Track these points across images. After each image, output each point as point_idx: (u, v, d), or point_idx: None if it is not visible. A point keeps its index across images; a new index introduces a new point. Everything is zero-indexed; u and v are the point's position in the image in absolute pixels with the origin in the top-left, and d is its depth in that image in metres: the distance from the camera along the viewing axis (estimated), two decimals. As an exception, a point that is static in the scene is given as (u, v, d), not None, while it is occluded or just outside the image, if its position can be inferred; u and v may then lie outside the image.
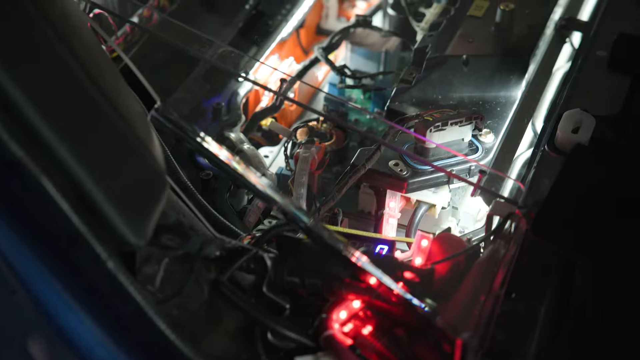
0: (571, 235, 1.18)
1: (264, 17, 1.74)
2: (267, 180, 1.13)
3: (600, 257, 1.16)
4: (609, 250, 1.17)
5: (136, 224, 1.02)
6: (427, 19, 1.67)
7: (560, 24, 1.63)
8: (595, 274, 1.16)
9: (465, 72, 1.52)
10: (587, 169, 1.27)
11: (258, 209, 1.42)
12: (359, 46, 1.71)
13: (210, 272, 1.14)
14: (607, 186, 1.25)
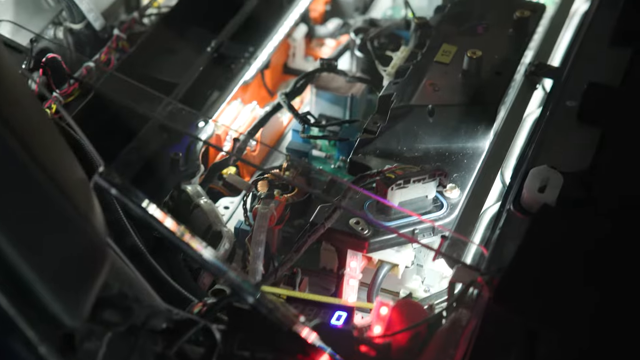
0: (536, 305, 1.13)
1: (226, 60, 1.68)
2: (211, 251, 1.07)
3: (567, 328, 1.11)
4: (576, 321, 1.12)
5: (71, 304, 0.96)
6: (393, 63, 1.62)
7: (530, 70, 1.58)
8: (561, 346, 1.10)
9: (430, 123, 1.46)
10: (554, 232, 1.22)
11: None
12: (324, 90, 1.65)
13: (156, 345, 1.09)
14: (574, 251, 1.20)
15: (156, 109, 1.50)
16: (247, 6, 1.79)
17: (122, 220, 1.28)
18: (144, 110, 1.39)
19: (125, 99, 1.35)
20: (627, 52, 1.53)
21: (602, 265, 1.17)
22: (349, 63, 1.81)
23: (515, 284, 1.15)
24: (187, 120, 1.53)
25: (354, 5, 1.98)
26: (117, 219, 1.28)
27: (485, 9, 1.67)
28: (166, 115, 1.48)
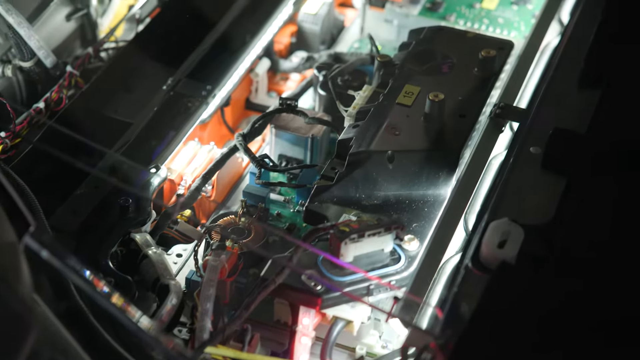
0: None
1: (183, 99, 1.62)
2: (147, 321, 1.01)
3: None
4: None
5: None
6: (355, 103, 1.56)
7: (495, 112, 1.52)
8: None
9: (390, 169, 1.40)
10: (512, 292, 1.17)
11: (161, 322, 1.31)
12: (284, 130, 1.59)
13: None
14: (532, 314, 1.14)
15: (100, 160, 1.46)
16: (207, 41, 1.73)
17: (62, 279, 1.22)
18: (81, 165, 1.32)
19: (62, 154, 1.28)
20: (595, 94, 1.48)
21: (561, 329, 1.12)
22: (312, 99, 1.76)
23: (470, 349, 1.10)
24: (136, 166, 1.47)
25: (320, 37, 1.93)
26: (56, 276, 1.22)
27: (451, 46, 1.61)
28: (107, 169, 1.43)
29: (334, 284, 1.26)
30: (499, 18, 1.88)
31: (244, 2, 1.83)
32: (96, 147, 1.51)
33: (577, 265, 1.21)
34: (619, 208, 1.31)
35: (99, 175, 1.46)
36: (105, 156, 1.50)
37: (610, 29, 1.57)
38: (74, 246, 1.39)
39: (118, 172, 1.48)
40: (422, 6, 1.91)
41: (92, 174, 1.46)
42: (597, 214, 1.31)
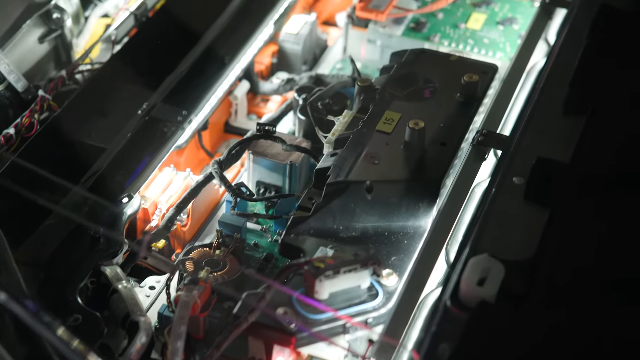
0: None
1: (158, 124, 1.58)
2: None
3: None
4: None
5: None
6: (335, 128, 1.52)
7: (478, 140, 1.48)
8: None
9: (369, 200, 1.36)
10: (491, 332, 1.13)
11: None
12: (262, 157, 1.55)
13: None
14: (514, 353, 1.11)
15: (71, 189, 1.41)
16: (184, 63, 1.69)
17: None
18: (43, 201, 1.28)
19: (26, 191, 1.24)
20: (580, 121, 1.44)
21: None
22: (293, 122, 1.72)
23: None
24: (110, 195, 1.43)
25: (302, 57, 1.88)
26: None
27: (433, 70, 1.57)
28: (78, 199, 1.39)
29: (308, 323, 1.22)
30: (484, 39, 1.84)
31: (224, 22, 1.80)
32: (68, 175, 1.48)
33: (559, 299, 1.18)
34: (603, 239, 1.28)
35: (69, 205, 1.43)
36: (76, 186, 1.46)
37: (595, 54, 1.53)
38: (42, 279, 1.35)
39: (90, 202, 1.44)
40: (406, 26, 1.87)
41: (63, 203, 1.42)
42: (580, 246, 1.27)
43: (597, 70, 1.52)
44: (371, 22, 1.86)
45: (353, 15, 1.86)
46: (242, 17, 1.83)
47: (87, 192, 1.46)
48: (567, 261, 1.25)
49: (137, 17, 1.78)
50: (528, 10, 1.90)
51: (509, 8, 1.91)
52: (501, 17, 1.89)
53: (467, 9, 1.91)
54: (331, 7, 2.09)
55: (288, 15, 1.95)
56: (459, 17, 1.89)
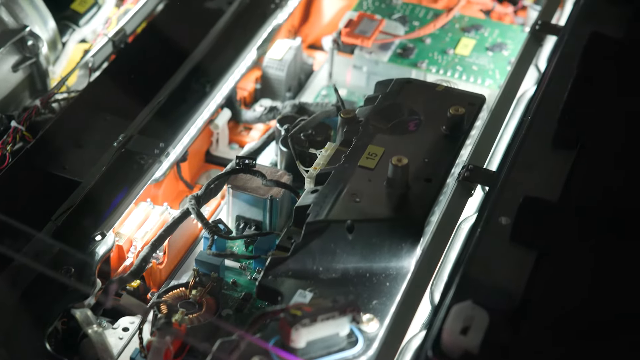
0: None
1: (135, 157, 1.53)
2: None
3: None
4: None
5: None
6: (317, 162, 1.47)
7: (464, 175, 1.43)
8: None
9: (350, 240, 1.31)
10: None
11: None
12: (242, 191, 1.50)
13: None
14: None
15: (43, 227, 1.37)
16: (163, 92, 1.64)
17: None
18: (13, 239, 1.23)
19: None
20: (569, 156, 1.39)
21: None
22: (275, 152, 1.67)
23: None
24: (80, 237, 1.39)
25: (286, 84, 1.84)
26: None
27: (419, 101, 1.52)
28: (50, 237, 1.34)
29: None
30: (473, 65, 1.79)
31: (205, 48, 1.75)
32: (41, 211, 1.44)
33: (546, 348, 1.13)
34: (592, 283, 1.23)
35: (41, 243, 1.38)
36: (49, 222, 1.41)
37: (585, 84, 1.49)
38: (11, 322, 1.30)
39: (61, 240, 1.39)
40: (393, 52, 1.82)
41: (34, 241, 1.37)
42: (568, 290, 1.22)
43: (588, 102, 1.47)
44: (357, 48, 1.81)
45: (339, 41, 1.81)
46: (224, 43, 1.78)
47: (59, 229, 1.41)
48: (555, 307, 1.21)
49: (116, 44, 1.73)
50: (518, 35, 1.86)
51: (498, 33, 1.87)
52: (491, 42, 1.84)
53: (456, 34, 1.86)
54: (317, 30, 2.05)
55: (272, 40, 1.91)
56: (447, 42, 1.85)
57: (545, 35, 1.71)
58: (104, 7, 1.85)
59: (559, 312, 1.20)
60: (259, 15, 1.86)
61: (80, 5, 1.83)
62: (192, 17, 1.85)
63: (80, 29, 1.81)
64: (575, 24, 1.66)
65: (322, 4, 2.05)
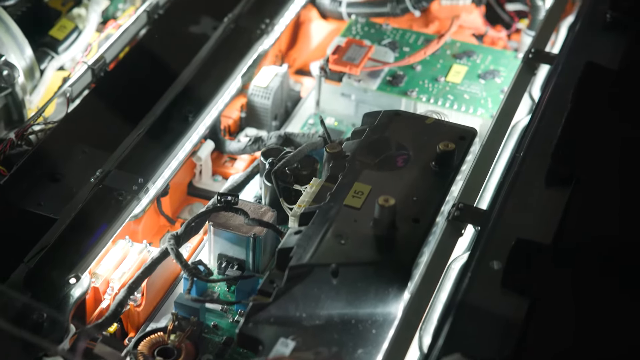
0: None
1: (112, 193, 1.47)
2: None
3: None
4: None
5: None
6: (301, 200, 1.41)
7: (454, 214, 1.37)
8: None
9: (334, 284, 1.26)
10: None
11: None
12: (223, 229, 1.44)
13: None
14: None
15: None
16: (143, 124, 1.58)
17: None
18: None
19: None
20: (563, 194, 1.34)
21: None
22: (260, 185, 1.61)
23: None
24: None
25: (272, 112, 1.78)
26: None
27: (407, 135, 1.47)
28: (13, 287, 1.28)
29: None
30: (465, 94, 1.74)
31: (188, 76, 1.69)
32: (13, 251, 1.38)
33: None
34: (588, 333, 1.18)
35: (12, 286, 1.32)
36: (21, 264, 1.35)
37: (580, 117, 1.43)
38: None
39: (34, 283, 1.33)
40: (382, 79, 1.76)
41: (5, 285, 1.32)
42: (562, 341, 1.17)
43: (582, 137, 1.42)
44: (345, 76, 1.75)
45: (326, 68, 1.76)
46: (209, 71, 1.72)
47: (32, 271, 1.35)
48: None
49: (95, 72, 1.67)
50: (511, 62, 1.80)
51: (491, 59, 1.81)
52: (483, 69, 1.79)
53: (447, 61, 1.81)
54: (305, 54, 1.99)
55: (258, 66, 1.86)
56: (438, 69, 1.79)
57: (539, 64, 1.66)
58: (85, 32, 1.80)
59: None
60: (245, 41, 1.80)
61: (59, 32, 1.78)
62: (175, 43, 1.79)
63: (59, 56, 1.75)
64: (570, 53, 1.61)
65: (310, 29, 2.00)
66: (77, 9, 1.81)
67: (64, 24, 1.79)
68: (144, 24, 1.82)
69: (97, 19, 1.82)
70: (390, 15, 1.94)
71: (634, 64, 1.55)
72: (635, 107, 1.47)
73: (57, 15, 1.85)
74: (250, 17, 1.85)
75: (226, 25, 1.82)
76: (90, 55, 1.75)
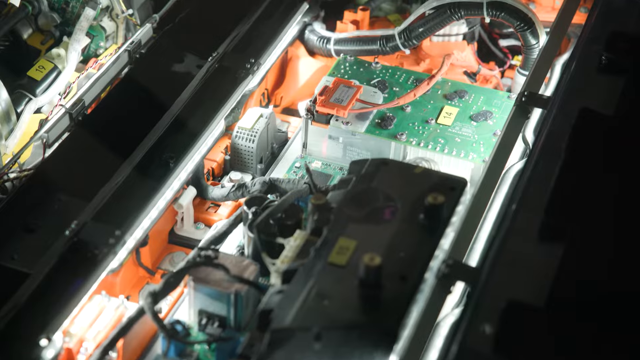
0: None
1: (87, 247, 1.41)
2: None
3: None
4: None
5: None
6: (285, 255, 1.35)
7: (443, 272, 1.31)
8: None
9: (317, 349, 1.20)
10: None
11: None
12: (204, 284, 1.38)
13: None
14: None
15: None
16: (122, 171, 1.52)
17: None
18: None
19: None
20: (557, 251, 1.28)
21: None
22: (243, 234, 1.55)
23: None
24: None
25: (257, 156, 1.72)
26: None
27: (395, 185, 1.41)
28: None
29: None
30: (456, 137, 1.68)
31: (169, 120, 1.64)
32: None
33: None
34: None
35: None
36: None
37: (574, 170, 1.38)
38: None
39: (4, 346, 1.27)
40: (371, 122, 1.70)
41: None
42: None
43: (577, 189, 1.37)
44: (333, 118, 1.70)
45: (313, 110, 1.70)
46: (192, 112, 1.67)
47: (2, 333, 1.29)
48: None
49: (73, 116, 1.62)
50: (504, 102, 1.75)
51: (483, 100, 1.76)
52: (475, 110, 1.73)
53: (438, 101, 1.75)
54: (293, 92, 1.94)
55: (244, 106, 1.80)
56: (429, 110, 1.74)
57: (533, 107, 1.60)
58: (64, 73, 1.74)
59: None
60: (229, 81, 1.75)
61: (37, 72, 1.72)
62: (157, 84, 1.74)
63: (37, 98, 1.69)
64: (564, 97, 1.56)
65: (298, 66, 1.95)
66: (57, 49, 1.75)
67: (42, 64, 1.73)
68: (125, 63, 1.77)
69: (77, 58, 1.77)
70: (379, 54, 1.88)
71: (629, 111, 1.50)
72: (630, 157, 1.42)
73: (36, 54, 1.80)
74: (235, 56, 1.80)
75: (210, 64, 1.76)
76: (70, 97, 1.69)
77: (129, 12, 1.84)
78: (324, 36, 1.95)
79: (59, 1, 1.83)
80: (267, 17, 1.93)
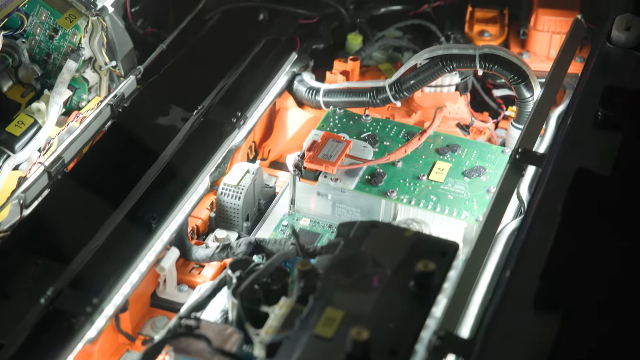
0: None
1: (64, 315, 1.35)
2: None
3: None
4: None
5: None
6: (269, 325, 1.29)
7: (434, 345, 1.25)
8: None
9: None
10: None
11: None
12: (185, 355, 1.32)
13: None
14: None
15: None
16: (101, 234, 1.47)
17: None
18: None
19: None
20: (554, 323, 1.22)
21: None
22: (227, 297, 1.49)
23: None
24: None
25: (243, 213, 1.67)
26: None
27: (385, 249, 1.36)
28: None
29: None
30: (449, 194, 1.63)
31: (151, 178, 1.58)
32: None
33: None
34: None
35: None
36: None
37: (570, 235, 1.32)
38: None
39: None
40: (360, 178, 1.65)
41: None
42: None
43: (574, 257, 1.31)
44: (321, 174, 1.64)
45: (301, 166, 1.65)
46: (175, 170, 1.62)
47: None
48: None
49: (52, 175, 1.56)
50: (498, 158, 1.70)
51: (476, 155, 1.71)
52: (468, 165, 1.68)
53: (430, 156, 1.70)
54: (281, 145, 1.89)
55: (230, 161, 1.75)
56: (420, 166, 1.68)
57: (527, 165, 1.55)
58: (44, 128, 1.68)
59: None
60: (215, 135, 1.70)
61: (17, 128, 1.66)
62: (140, 139, 1.69)
63: (16, 155, 1.63)
64: (559, 154, 1.51)
65: (286, 117, 1.90)
66: (37, 102, 1.70)
67: (22, 119, 1.68)
68: (108, 117, 1.72)
69: (58, 111, 1.71)
70: (370, 106, 1.84)
71: (626, 170, 1.45)
72: (628, 220, 1.36)
73: (16, 107, 1.75)
74: (221, 109, 1.75)
75: (195, 118, 1.71)
76: (49, 154, 1.64)
77: (112, 64, 1.79)
78: (313, 87, 1.90)
79: (40, 53, 1.79)
80: (254, 67, 1.89)
